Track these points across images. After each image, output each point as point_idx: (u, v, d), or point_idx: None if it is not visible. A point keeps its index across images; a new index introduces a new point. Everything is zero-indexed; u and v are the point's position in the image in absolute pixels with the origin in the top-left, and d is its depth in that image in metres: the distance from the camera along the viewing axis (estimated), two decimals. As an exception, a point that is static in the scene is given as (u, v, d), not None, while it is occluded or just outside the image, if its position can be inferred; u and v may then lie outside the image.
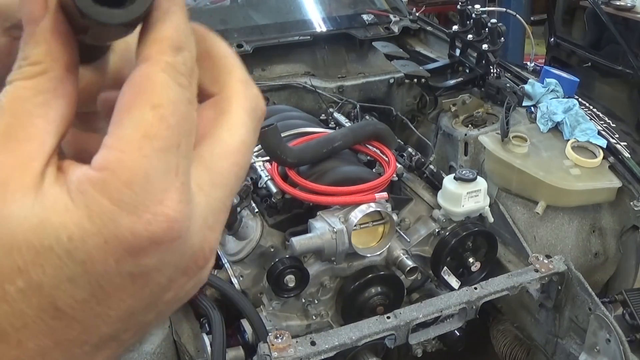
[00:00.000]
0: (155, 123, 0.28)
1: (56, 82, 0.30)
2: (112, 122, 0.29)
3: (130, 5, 0.29)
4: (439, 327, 1.77)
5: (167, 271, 0.30)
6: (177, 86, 0.30)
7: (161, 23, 0.30)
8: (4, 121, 0.29)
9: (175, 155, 0.29)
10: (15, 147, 0.29)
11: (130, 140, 0.28)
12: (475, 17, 2.44)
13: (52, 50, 0.30)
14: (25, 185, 0.28)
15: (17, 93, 0.30)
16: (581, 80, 2.41)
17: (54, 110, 0.30)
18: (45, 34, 0.30)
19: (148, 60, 0.30)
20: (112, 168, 0.27)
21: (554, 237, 2.02)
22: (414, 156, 2.08)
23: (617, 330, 1.58)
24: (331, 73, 2.94)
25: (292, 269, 1.67)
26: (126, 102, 0.29)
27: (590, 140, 2.08)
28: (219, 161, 0.32)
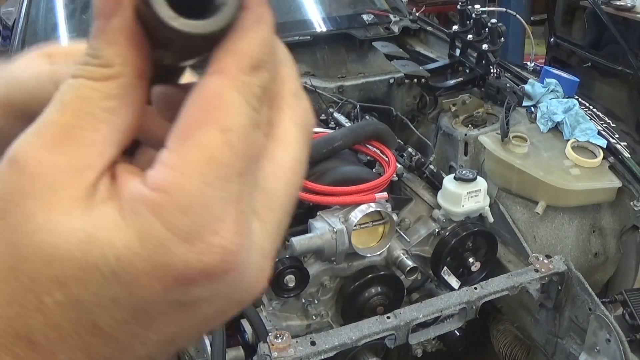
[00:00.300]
0: (223, 149, 0.26)
1: (126, 88, 0.28)
2: (174, 135, 0.27)
3: (215, 15, 0.27)
4: (439, 327, 1.77)
5: (217, 303, 0.28)
6: (249, 110, 0.27)
7: (245, 34, 0.28)
8: (64, 119, 0.27)
9: (238, 184, 0.27)
10: (71, 151, 0.27)
11: (193, 164, 0.26)
12: (475, 17, 2.44)
13: (124, 54, 0.28)
14: (75, 195, 0.26)
15: (82, 92, 0.28)
16: (581, 80, 2.41)
17: (121, 118, 0.28)
18: (116, 33, 0.28)
19: (223, 74, 0.27)
20: (170, 191, 0.26)
21: (554, 237, 2.02)
22: (414, 156, 2.08)
23: (617, 330, 1.58)
24: (331, 73, 2.93)
25: (292, 269, 1.67)
26: (193, 119, 0.27)
27: (590, 140, 2.08)
28: (274, 183, 0.29)
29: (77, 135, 0.27)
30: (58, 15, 2.87)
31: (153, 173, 0.26)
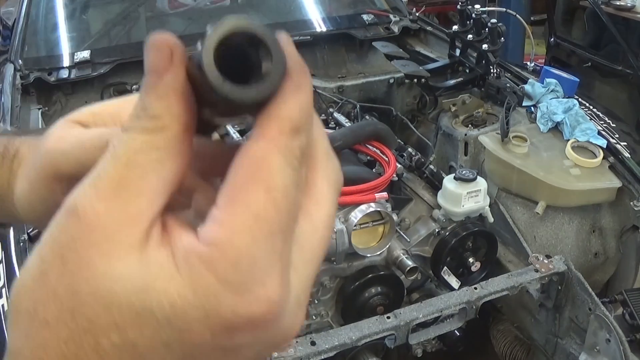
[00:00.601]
0: (268, 207, 0.29)
1: (173, 141, 0.30)
2: (223, 194, 0.29)
3: (262, 83, 0.29)
4: (439, 327, 1.77)
5: (257, 347, 0.31)
6: (290, 170, 0.30)
7: (287, 99, 0.30)
8: (118, 171, 0.29)
9: (281, 240, 0.29)
10: (125, 201, 0.29)
11: (242, 221, 0.28)
12: (475, 17, 2.44)
13: (173, 108, 0.30)
14: (131, 243, 0.28)
15: (133, 144, 0.30)
16: (581, 80, 2.41)
17: (167, 169, 0.30)
18: (167, 88, 0.30)
19: (266, 138, 0.30)
20: (222, 246, 0.28)
21: (554, 237, 2.02)
22: (414, 156, 2.08)
23: (617, 330, 1.58)
24: (331, 73, 2.94)
25: (292, 269, 1.67)
26: (241, 180, 0.29)
27: (590, 140, 2.08)
28: (309, 237, 0.32)
29: (129, 186, 0.29)
30: (58, 15, 2.87)
31: (206, 229, 0.29)
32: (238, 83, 0.29)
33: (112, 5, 3.04)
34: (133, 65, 2.65)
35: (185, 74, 0.31)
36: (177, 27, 2.96)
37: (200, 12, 3.16)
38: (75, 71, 2.57)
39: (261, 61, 0.30)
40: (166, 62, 0.30)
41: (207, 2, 3.23)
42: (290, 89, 0.30)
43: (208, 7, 3.23)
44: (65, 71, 2.58)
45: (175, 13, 3.11)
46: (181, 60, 0.31)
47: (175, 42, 0.31)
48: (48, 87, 2.58)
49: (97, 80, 2.62)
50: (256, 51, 0.30)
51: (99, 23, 2.93)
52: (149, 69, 0.31)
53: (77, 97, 2.67)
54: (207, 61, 0.28)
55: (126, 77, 2.69)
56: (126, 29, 2.92)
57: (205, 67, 0.28)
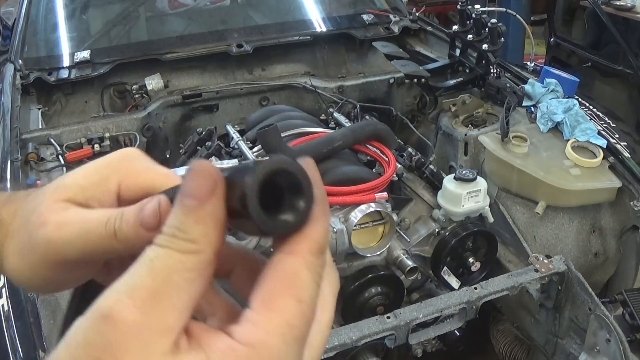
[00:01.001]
0: (298, 315, 0.34)
1: (205, 264, 0.34)
2: (258, 299, 0.34)
3: (294, 221, 0.35)
4: (439, 327, 1.77)
5: None
6: (315, 285, 0.35)
7: (314, 224, 0.35)
8: (155, 285, 0.32)
9: (303, 343, 0.34)
10: (159, 314, 0.32)
11: (276, 326, 0.33)
12: (475, 17, 2.44)
13: (209, 234, 0.34)
14: (164, 351, 0.31)
15: (170, 262, 0.33)
16: (581, 80, 2.41)
17: (196, 287, 0.34)
18: (207, 216, 0.34)
19: (297, 254, 0.35)
20: (257, 347, 0.32)
21: (554, 237, 2.02)
22: (414, 156, 2.08)
23: (617, 330, 1.58)
24: (331, 73, 2.94)
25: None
26: (275, 289, 0.34)
27: (590, 140, 2.08)
28: (317, 338, 0.37)
29: (164, 301, 0.32)
30: (58, 15, 2.87)
31: (242, 329, 0.33)
32: (269, 210, 0.33)
33: (112, 5, 3.04)
34: (133, 65, 2.65)
35: (224, 206, 0.35)
36: (177, 27, 2.97)
37: (200, 12, 3.16)
38: (75, 71, 2.57)
39: (293, 195, 0.35)
40: (209, 191, 0.34)
41: (207, 2, 3.23)
42: (319, 215, 0.35)
43: (208, 7, 3.23)
44: (65, 71, 2.58)
45: (175, 13, 3.11)
46: (222, 193, 0.34)
47: (219, 174, 0.35)
48: (48, 87, 2.58)
49: (97, 80, 2.62)
50: (290, 186, 0.35)
51: (99, 23, 2.93)
52: (190, 193, 0.34)
53: (77, 97, 2.67)
54: (252, 203, 0.33)
55: (126, 77, 2.69)
56: (126, 29, 2.92)
57: (251, 208, 0.33)
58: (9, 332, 1.41)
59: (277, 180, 0.34)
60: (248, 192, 0.33)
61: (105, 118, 2.43)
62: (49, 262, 0.43)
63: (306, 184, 0.35)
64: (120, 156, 0.46)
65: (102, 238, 0.41)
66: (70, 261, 0.43)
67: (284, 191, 0.35)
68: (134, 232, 0.40)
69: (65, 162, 2.04)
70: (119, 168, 0.45)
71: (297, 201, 0.35)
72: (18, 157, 1.98)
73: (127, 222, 0.40)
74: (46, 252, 0.42)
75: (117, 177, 0.45)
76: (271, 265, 0.35)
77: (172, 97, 2.53)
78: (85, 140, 2.22)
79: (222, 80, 2.75)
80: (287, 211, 0.35)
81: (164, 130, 2.53)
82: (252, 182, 0.33)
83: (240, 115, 2.64)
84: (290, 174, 0.34)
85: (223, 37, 2.78)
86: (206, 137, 2.22)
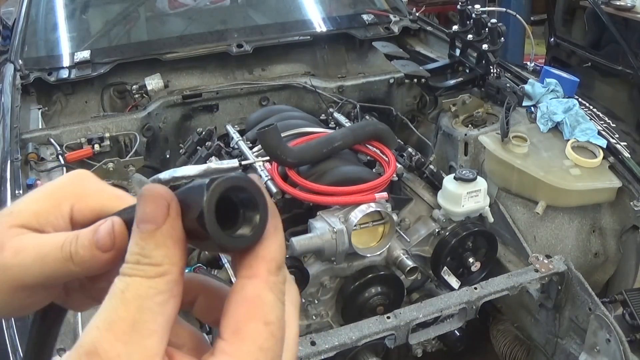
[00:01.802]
0: (268, 338, 0.35)
1: (172, 284, 0.35)
2: (227, 328, 0.35)
3: (251, 235, 0.36)
4: (439, 327, 1.77)
5: None
6: (279, 304, 0.36)
7: (268, 243, 0.36)
8: (130, 315, 0.34)
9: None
10: (140, 341, 0.33)
11: (248, 352, 0.34)
12: (475, 17, 2.44)
13: (171, 255, 0.35)
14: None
15: (140, 290, 0.34)
16: (581, 80, 2.41)
17: (169, 308, 0.35)
18: (166, 239, 0.35)
19: (258, 278, 0.36)
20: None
21: (554, 237, 2.02)
22: (414, 156, 2.08)
23: (617, 330, 1.58)
24: (331, 73, 2.94)
25: (292, 268, 1.67)
26: (242, 316, 0.35)
27: (590, 140, 2.08)
28: (287, 355, 0.38)
29: (142, 329, 0.33)
30: (58, 15, 2.87)
31: None
32: (226, 226, 0.34)
33: (112, 5, 3.04)
34: (133, 65, 2.65)
35: (181, 225, 0.35)
36: (177, 27, 2.97)
37: (200, 12, 3.16)
38: (75, 71, 2.57)
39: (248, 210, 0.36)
40: (163, 213, 0.35)
41: (207, 2, 3.23)
42: (271, 232, 0.36)
43: (208, 7, 3.23)
44: (65, 71, 2.58)
45: (175, 13, 3.11)
46: (177, 212, 0.35)
47: (171, 195, 0.36)
48: (48, 87, 2.58)
49: (97, 80, 2.62)
50: (245, 202, 0.36)
51: (99, 23, 2.93)
52: (145, 218, 0.35)
53: (77, 97, 2.67)
54: (209, 221, 0.34)
55: (126, 77, 2.69)
56: (126, 29, 2.92)
57: (208, 226, 0.34)
58: (9, 332, 1.41)
59: (231, 197, 0.35)
60: (205, 211, 0.34)
61: (105, 118, 2.43)
62: (7, 287, 0.43)
63: (260, 198, 0.36)
64: (71, 179, 0.47)
65: (58, 262, 0.41)
66: (29, 286, 0.43)
67: (239, 207, 0.36)
68: (89, 254, 0.40)
69: (65, 162, 2.04)
70: (71, 191, 0.46)
71: (252, 216, 0.36)
72: (18, 157, 1.98)
73: (82, 245, 0.40)
74: (4, 278, 0.43)
75: (69, 201, 0.45)
76: (234, 291, 0.36)
77: (172, 97, 2.53)
78: (85, 140, 2.21)
79: (222, 80, 2.75)
80: (244, 226, 0.36)
81: (164, 130, 2.53)
82: (208, 200, 0.34)
83: (240, 115, 2.64)
84: (244, 190, 0.35)
85: (223, 37, 2.78)
86: (206, 137, 2.22)
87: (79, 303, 0.48)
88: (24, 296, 0.44)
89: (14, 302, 0.44)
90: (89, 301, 0.48)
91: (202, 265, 1.87)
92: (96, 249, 0.40)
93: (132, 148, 2.26)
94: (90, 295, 0.47)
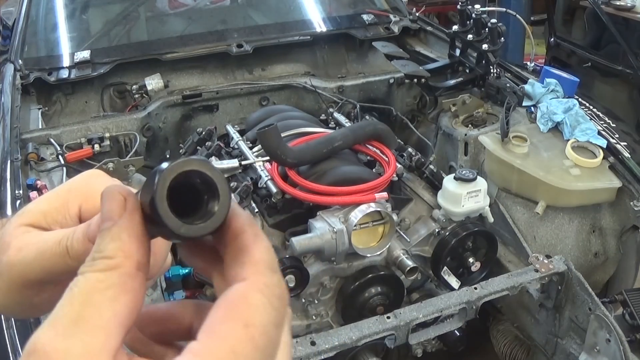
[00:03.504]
0: (245, 341, 0.30)
1: (126, 277, 0.33)
2: (202, 330, 0.31)
3: (208, 221, 0.34)
4: (439, 327, 1.77)
5: None
6: (270, 308, 0.32)
7: (254, 246, 0.34)
8: (74, 310, 0.31)
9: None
10: (84, 337, 0.31)
11: (216, 352, 0.30)
12: (475, 17, 2.44)
13: (125, 248, 0.33)
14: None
15: (88, 284, 0.32)
16: (581, 80, 2.41)
17: (122, 304, 0.32)
18: (121, 232, 0.34)
19: (245, 281, 0.33)
20: None
21: (554, 237, 2.02)
22: (414, 156, 2.07)
23: (617, 330, 1.58)
24: (331, 73, 2.94)
25: (292, 268, 1.67)
26: (220, 316, 0.31)
27: (590, 140, 2.08)
28: None
29: (86, 323, 0.31)
30: (58, 15, 2.87)
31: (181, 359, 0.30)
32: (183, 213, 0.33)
33: (112, 5, 3.04)
34: (133, 65, 2.65)
35: (140, 218, 0.34)
36: (177, 27, 2.97)
37: (200, 12, 3.16)
38: (75, 71, 2.57)
39: (206, 196, 0.34)
40: (119, 208, 0.34)
41: (207, 2, 3.23)
42: (251, 239, 0.34)
43: (208, 7, 3.23)
44: (65, 71, 2.58)
45: (175, 13, 3.11)
46: (134, 206, 0.34)
47: (128, 191, 0.35)
48: (48, 87, 2.58)
49: (97, 80, 2.62)
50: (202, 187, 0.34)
51: (99, 23, 2.93)
52: (105, 217, 0.35)
53: (77, 97, 2.67)
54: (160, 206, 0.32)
55: (126, 77, 2.69)
56: (126, 29, 2.92)
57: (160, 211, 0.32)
58: (9, 332, 1.41)
59: (196, 185, 0.34)
60: (156, 195, 0.32)
61: (105, 118, 2.43)
62: (15, 285, 0.44)
63: (222, 191, 0.34)
64: (81, 179, 0.48)
65: (56, 256, 0.41)
66: (33, 282, 0.44)
67: (203, 195, 0.34)
68: (83, 247, 0.40)
69: (65, 162, 2.04)
70: (80, 191, 0.47)
71: (213, 203, 0.34)
72: (18, 157, 1.98)
73: (77, 238, 0.41)
74: (10, 276, 0.44)
75: (77, 200, 0.46)
76: (220, 296, 0.33)
77: (172, 97, 2.53)
78: (85, 140, 2.21)
79: (222, 80, 2.75)
80: (202, 213, 0.34)
81: (164, 130, 2.53)
82: (160, 183, 0.33)
83: (240, 115, 2.64)
84: (201, 174, 0.34)
85: (223, 37, 2.78)
86: (206, 137, 2.22)
87: None
88: (32, 294, 0.44)
89: (24, 301, 0.45)
90: None
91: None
92: (88, 242, 0.40)
93: (132, 148, 2.26)
94: None
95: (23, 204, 1.75)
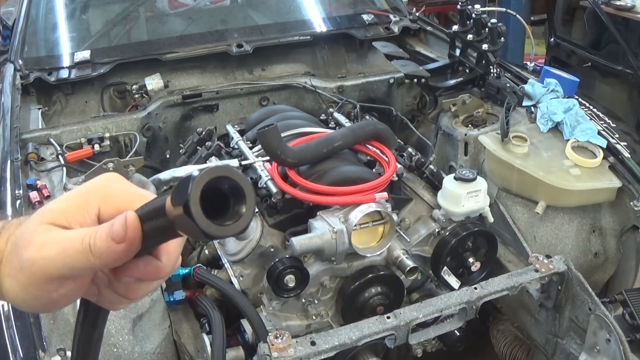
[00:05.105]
0: None
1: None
2: None
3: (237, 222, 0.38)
4: (439, 327, 1.77)
5: None
6: None
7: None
8: None
9: None
10: None
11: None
12: (475, 17, 2.44)
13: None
14: None
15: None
16: (581, 80, 2.41)
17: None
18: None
19: None
20: None
21: (554, 237, 2.02)
22: (414, 156, 2.07)
23: (617, 330, 1.58)
24: (331, 73, 2.94)
25: (292, 269, 1.67)
26: None
27: (590, 140, 2.08)
28: None
29: None
30: (58, 15, 2.87)
31: None
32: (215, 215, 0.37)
33: (112, 5, 3.04)
34: (133, 65, 2.65)
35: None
36: (177, 27, 2.97)
37: (200, 12, 3.16)
38: (75, 71, 2.57)
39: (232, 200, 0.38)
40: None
41: (207, 2, 3.23)
42: None
43: (208, 7, 3.23)
44: (65, 71, 2.58)
45: (175, 13, 3.11)
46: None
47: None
48: (48, 87, 2.58)
49: (97, 80, 2.62)
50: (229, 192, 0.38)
51: (99, 23, 2.93)
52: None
53: (77, 97, 2.67)
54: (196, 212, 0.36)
55: (126, 77, 2.69)
56: (126, 29, 2.92)
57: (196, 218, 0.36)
58: (9, 332, 1.41)
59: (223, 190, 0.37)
60: (190, 200, 0.36)
61: (105, 118, 2.42)
62: (36, 280, 0.47)
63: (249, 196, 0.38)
64: (100, 181, 0.52)
65: (79, 253, 0.45)
66: (54, 277, 0.47)
67: (230, 199, 0.38)
68: (106, 245, 0.45)
69: (65, 162, 2.04)
70: (99, 192, 0.51)
71: (240, 206, 0.38)
72: (18, 157, 1.98)
73: (100, 237, 0.45)
74: (32, 271, 0.47)
75: (96, 201, 0.50)
76: None
77: (172, 97, 2.53)
78: (85, 140, 2.21)
79: (222, 80, 2.75)
80: (230, 215, 0.38)
81: (164, 130, 2.53)
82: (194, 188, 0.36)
83: (240, 115, 2.64)
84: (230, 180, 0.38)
85: (223, 37, 2.78)
86: (206, 137, 2.22)
87: (110, 300, 0.53)
88: (52, 289, 0.48)
89: (43, 295, 0.48)
90: (119, 298, 0.53)
91: (202, 265, 1.88)
92: (111, 240, 0.44)
93: (132, 148, 2.26)
94: (118, 292, 0.52)
95: (23, 204, 1.75)
